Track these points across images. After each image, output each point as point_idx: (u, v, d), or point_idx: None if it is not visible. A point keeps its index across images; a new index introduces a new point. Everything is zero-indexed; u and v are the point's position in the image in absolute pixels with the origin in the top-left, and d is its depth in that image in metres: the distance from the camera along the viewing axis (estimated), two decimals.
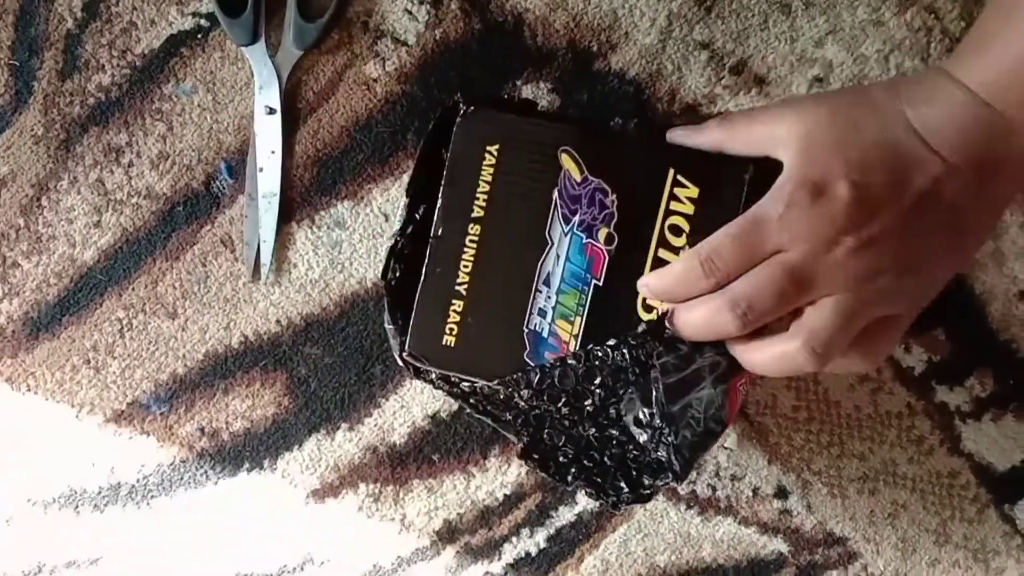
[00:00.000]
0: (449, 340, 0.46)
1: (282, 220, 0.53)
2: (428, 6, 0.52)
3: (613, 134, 0.47)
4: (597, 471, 0.46)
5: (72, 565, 0.57)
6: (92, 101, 0.54)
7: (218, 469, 0.55)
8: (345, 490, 0.55)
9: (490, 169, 0.45)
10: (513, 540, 0.55)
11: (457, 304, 0.45)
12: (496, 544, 0.55)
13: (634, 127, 0.51)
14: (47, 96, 0.54)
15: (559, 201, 0.44)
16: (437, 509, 0.55)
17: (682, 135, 0.45)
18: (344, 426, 0.54)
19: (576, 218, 0.44)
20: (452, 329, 0.46)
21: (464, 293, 0.45)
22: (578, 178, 0.44)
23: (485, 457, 0.54)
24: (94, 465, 0.56)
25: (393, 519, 0.55)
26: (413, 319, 0.46)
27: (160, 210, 0.54)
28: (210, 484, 0.55)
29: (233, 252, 0.54)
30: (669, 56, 0.51)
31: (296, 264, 0.54)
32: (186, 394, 0.55)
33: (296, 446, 0.55)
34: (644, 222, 0.44)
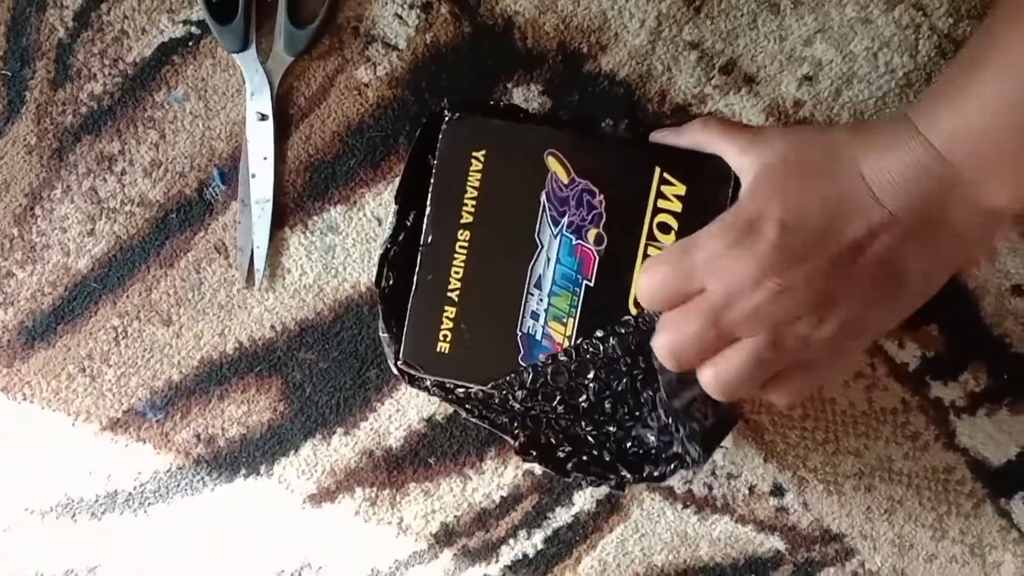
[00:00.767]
0: (443, 347, 0.46)
1: (275, 226, 0.54)
2: (418, 11, 0.52)
3: (599, 135, 0.47)
4: (597, 466, 0.46)
5: (70, 573, 0.57)
6: (84, 110, 0.54)
7: (215, 475, 0.55)
8: (342, 494, 0.55)
9: (477, 174, 0.45)
10: (510, 542, 0.55)
11: (450, 311, 0.45)
12: (493, 546, 0.55)
13: (623, 128, 0.51)
14: (40, 106, 0.54)
15: (547, 204, 0.45)
16: (434, 512, 0.55)
17: (663, 136, 0.45)
18: (340, 430, 0.54)
19: (565, 220, 0.45)
20: (446, 336, 0.46)
21: (456, 299, 0.45)
22: (565, 180, 0.45)
23: (481, 459, 0.54)
24: (91, 473, 0.56)
25: (390, 523, 0.55)
26: (406, 327, 0.46)
27: (154, 217, 0.54)
28: (207, 490, 0.55)
29: (227, 258, 0.54)
30: (659, 57, 0.51)
31: (290, 269, 0.54)
32: (182, 401, 0.55)
33: (292, 451, 0.55)
34: (633, 221, 0.44)
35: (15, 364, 0.56)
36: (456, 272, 0.45)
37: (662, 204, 0.44)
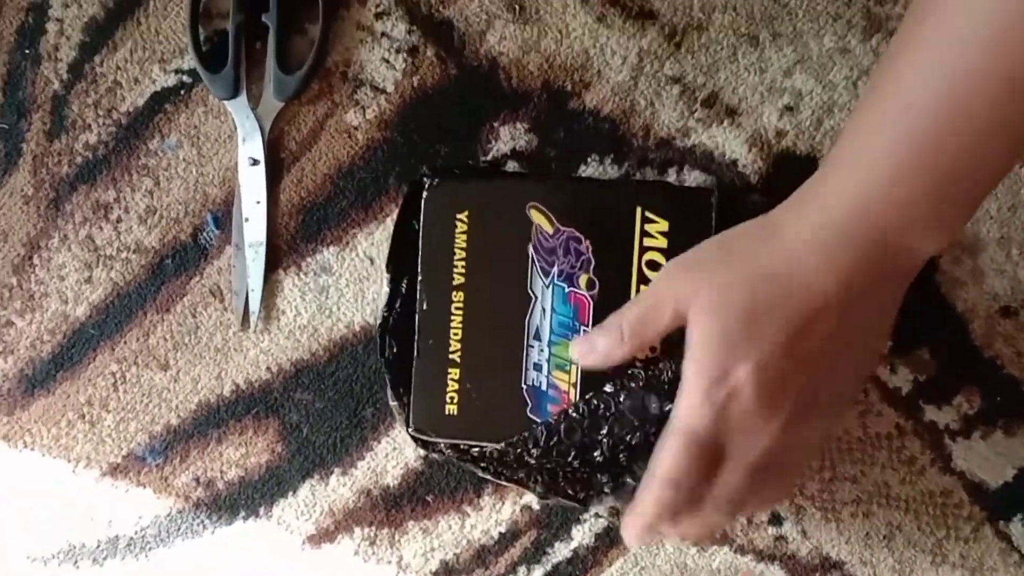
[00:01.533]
0: (452, 409, 0.46)
1: (269, 268, 0.54)
2: (405, 54, 0.53)
3: (578, 182, 0.48)
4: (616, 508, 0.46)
5: None
6: (80, 160, 0.55)
7: (214, 518, 0.55)
8: (341, 535, 0.55)
9: (463, 236, 0.46)
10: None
11: (454, 372, 0.46)
12: None
13: (608, 163, 0.52)
14: (36, 157, 0.55)
15: (535, 256, 0.45)
16: (433, 550, 0.55)
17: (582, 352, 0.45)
18: (337, 470, 0.55)
19: (555, 269, 0.45)
20: (453, 398, 0.46)
21: (459, 361, 0.46)
22: (550, 230, 0.45)
23: (479, 496, 0.54)
24: (92, 519, 0.56)
25: (390, 562, 0.55)
26: (413, 394, 0.46)
27: (149, 263, 0.55)
28: (207, 533, 0.56)
29: (222, 302, 0.55)
30: (641, 92, 0.52)
31: (284, 311, 0.54)
32: (180, 445, 0.55)
33: (291, 492, 0.55)
34: (621, 263, 0.45)
35: (15, 412, 0.56)
36: (455, 334, 0.46)
37: (648, 242, 0.45)
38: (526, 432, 0.45)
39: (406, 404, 0.47)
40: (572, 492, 0.46)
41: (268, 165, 0.54)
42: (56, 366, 0.56)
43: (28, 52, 0.55)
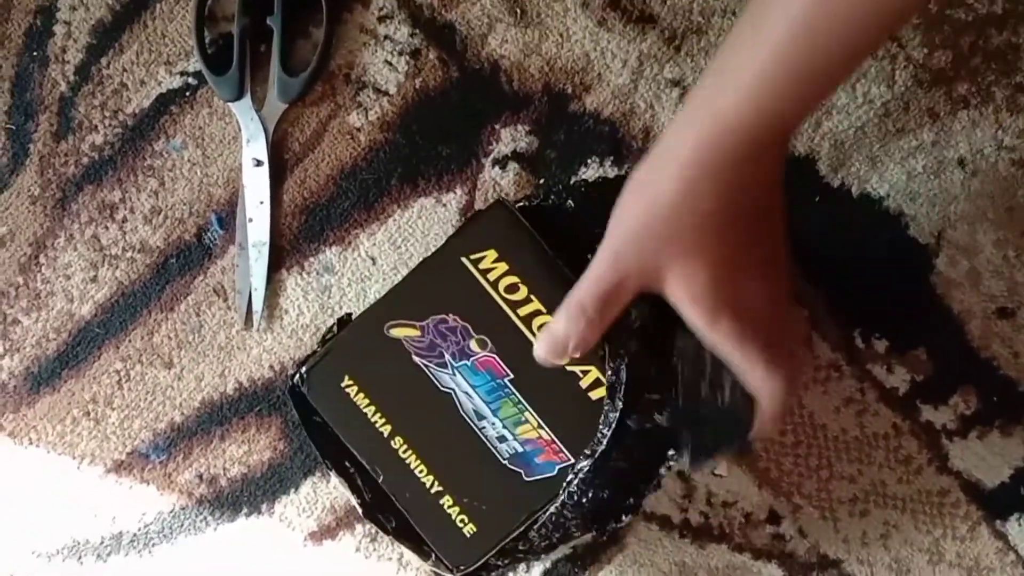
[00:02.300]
0: (469, 529, 0.46)
1: (272, 268, 0.55)
2: (407, 57, 0.54)
3: (410, 276, 0.47)
4: None
5: None
6: (86, 160, 0.56)
7: (217, 515, 0.56)
8: (342, 531, 0.55)
9: (362, 394, 0.47)
10: (510, 575, 0.55)
11: (446, 500, 0.46)
12: None
13: (608, 164, 0.52)
14: (43, 157, 0.56)
15: (423, 362, 0.46)
16: None
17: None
18: None
19: (447, 356, 0.46)
20: (463, 520, 0.46)
21: (442, 489, 0.46)
22: (417, 333, 0.46)
23: None
24: (96, 515, 0.57)
25: (391, 558, 0.55)
26: (432, 543, 0.47)
27: (154, 263, 0.56)
28: (210, 530, 0.56)
29: (226, 301, 0.55)
30: (641, 95, 0.53)
31: (287, 310, 0.55)
32: (184, 442, 0.56)
33: (292, 489, 0.56)
34: (488, 308, 0.45)
35: (21, 409, 0.57)
36: (421, 471, 0.46)
37: (491, 276, 0.45)
38: (548, 517, 0.45)
39: (432, 552, 0.47)
40: (616, 522, 0.46)
41: (272, 166, 0.55)
42: (61, 364, 0.56)
43: (36, 54, 0.56)
